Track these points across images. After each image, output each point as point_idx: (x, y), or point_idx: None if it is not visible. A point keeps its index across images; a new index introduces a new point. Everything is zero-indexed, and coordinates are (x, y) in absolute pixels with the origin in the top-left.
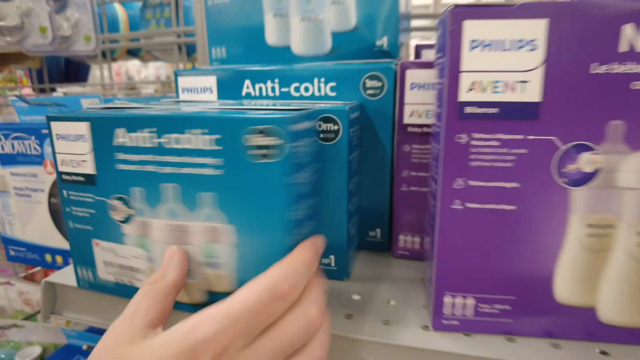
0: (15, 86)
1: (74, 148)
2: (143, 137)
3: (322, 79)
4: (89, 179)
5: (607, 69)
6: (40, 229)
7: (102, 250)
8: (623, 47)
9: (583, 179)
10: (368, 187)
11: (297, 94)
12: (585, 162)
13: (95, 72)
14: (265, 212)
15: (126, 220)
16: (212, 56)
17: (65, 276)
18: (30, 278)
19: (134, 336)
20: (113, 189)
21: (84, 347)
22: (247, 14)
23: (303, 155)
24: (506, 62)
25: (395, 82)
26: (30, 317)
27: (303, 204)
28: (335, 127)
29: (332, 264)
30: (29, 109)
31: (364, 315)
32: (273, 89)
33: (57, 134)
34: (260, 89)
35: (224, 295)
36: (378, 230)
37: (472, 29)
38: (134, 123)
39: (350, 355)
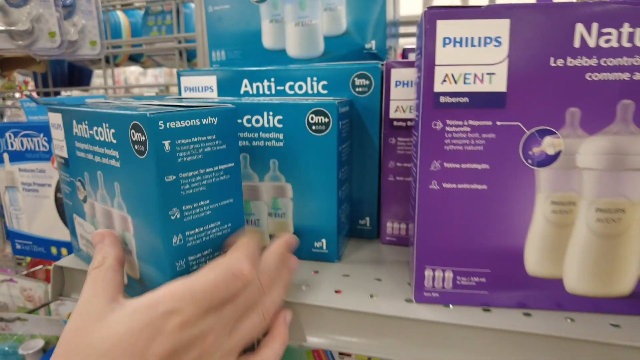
0: (15, 91)
1: (57, 135)
2: (84, 129)
3: (315, 78)
4: (65, 162)
5: (564, 63)
6: (46, 223)
7: (77, 224)
8: (577, 43)
9: (546, 160)
10: (358, 178)
11: (291, 92)
12: (548, 145)
13: (95, 80)
14: (146, 207)
15: (84, 200)
16: (213, 59)
17: (74, 261)
18: (32, 275)
19: (101, 313)
20: (77, 171)
21: None
22: (245, 20)
23: (191, 154)
24: (475, 57)
25: (381, 81)
26: (32, 312)
27: (195, 204)
28: (326, 120)
29: (324, 248)
30: (37, 109)
31: (352, 290)
32: (269, 87)
33: (51, 123)
34: (258, 87)
35: (137, 282)
36: (367, 218)
37: (445, 27)
38: (79, 116)
39: (339, 325)
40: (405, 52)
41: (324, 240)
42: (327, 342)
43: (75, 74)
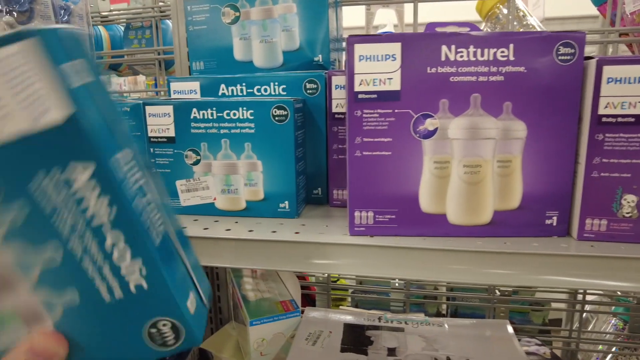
0: None
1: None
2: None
3: (276, 83)
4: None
5: (436, 70)
6: None
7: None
8: (443, 58)
9: (428, 134)
10: (311, 158)
11: (258, 94)
12: (429, 124)
13: None
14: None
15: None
16: (193, 68)
17: None
18: None
19: None
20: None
21: None
22: (219, 38)
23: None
24: (379, 67)
25: (326, 85)
26: None
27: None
28: (285, 113)
29: (287, 207)
30: None
31: (306, 231)
32: (241, 90)
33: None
34: (232, 90)
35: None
36: (319, 188)
37: (360, 48)
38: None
39: (297, 253)
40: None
41: (286, 202)
42: (292, 266)
43: None
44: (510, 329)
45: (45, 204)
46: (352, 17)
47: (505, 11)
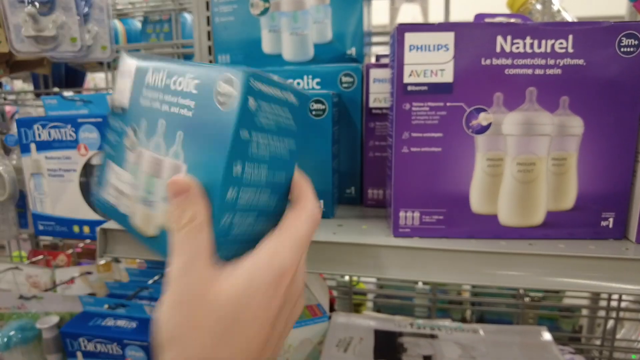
0: None
1: (122, 84)
2: (161, 78)
3: (310, 76)
4: (123, 111)
5: (490, 62)
6: (70, 204)
7: (112, 172)
8: (498, 49)
9: (482, 129)
10: (345, 156)
11: None
12: (482, 118)
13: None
14: (210, 157)
15: (131, 148)
16: (218, 61)
17: (115, 224)
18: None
19: (212, 276)
20: (133, 119)
21: (105, 307)
22: (247, 30)
23: (267, 120)
24: (431, 58)
25: (362, 78)
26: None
27: (255, 166)
28: (323, 107)
29: (322, 207)
30: (57, 105)
31: (345, 232)
32: None
33: (121, 71)
34: None
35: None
36: (352, 187)
37: (410, 38)
38: (159, 66)
39: (338, 255)
40: (378, 57)
41: (322, 201)
42: (332, 268)
43: (71, 76)
44: (547, 335)
45: None
46: (374, 14)
47: (538, 7)
